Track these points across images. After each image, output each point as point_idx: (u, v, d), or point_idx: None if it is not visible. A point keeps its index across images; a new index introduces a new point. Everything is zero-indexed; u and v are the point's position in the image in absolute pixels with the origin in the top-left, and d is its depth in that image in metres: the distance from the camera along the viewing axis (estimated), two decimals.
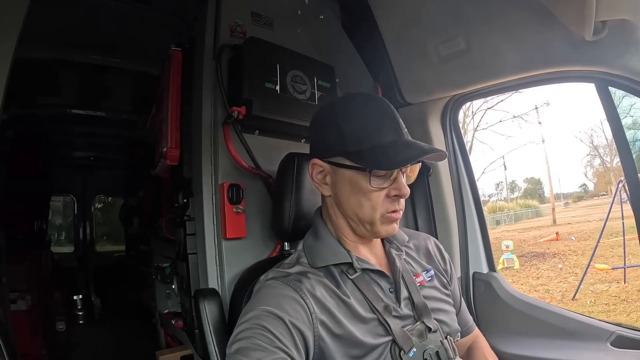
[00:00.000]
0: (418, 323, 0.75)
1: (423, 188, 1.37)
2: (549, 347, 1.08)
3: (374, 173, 0.71)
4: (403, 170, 0.74)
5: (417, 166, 0.79)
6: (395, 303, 0.76)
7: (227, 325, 0.96)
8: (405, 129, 0.76)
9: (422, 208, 1.38)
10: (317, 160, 0.78)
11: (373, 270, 0.78)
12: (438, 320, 0.78)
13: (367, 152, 0.71)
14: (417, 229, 1.36)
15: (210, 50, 1.22)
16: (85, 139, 3.72)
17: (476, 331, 0.99)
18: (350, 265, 0.76)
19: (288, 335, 0.63)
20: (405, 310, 0.76)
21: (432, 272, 0.87)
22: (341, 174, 0.75)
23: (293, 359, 0.61)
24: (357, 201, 0.74)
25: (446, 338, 0.77)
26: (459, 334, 0.85)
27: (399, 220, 0.77)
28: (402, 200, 0.75)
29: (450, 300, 0.88)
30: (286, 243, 1.13)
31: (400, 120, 0.76)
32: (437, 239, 1.32)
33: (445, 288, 0.89)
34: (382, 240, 0.86)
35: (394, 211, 0.74)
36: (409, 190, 0.74)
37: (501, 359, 1.15)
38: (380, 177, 0.72)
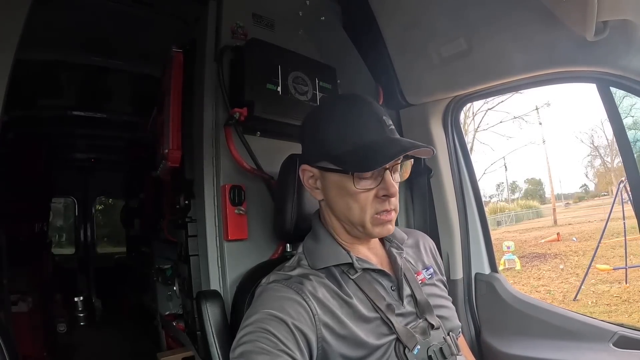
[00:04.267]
0: (421, 320, 0.75)
1: (424, 189, 1.36)
2: (551, 348, 1.08)
3: (358, 175, 0.70)
4: (393, 168, 0.73)
5: (410, 163, 0.78)
6: (398, 301, 0.76)
7: (229, 327, 0.95)
8: (391, 127, 0.74)
9: (424, 209, 1.37)
10: (306, 166, 0.79)
11: (374, 270, 0.78)
12: (440, 317, 0.78)
13: (348, 154, 0.70)
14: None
15: (211, 52, 1.22)
16: (86, 140, 3.73)
17: None
18: (351, 265, 0.76)
19: (291, 337, 0.63)
20: (408, 307, 0.76)
21: (431, 270, 0.87)
22: (328, 178, 0.75)
23: None
24: (346, 204, 0.74)
25: (448, 334, 0.77)
26: (460, 330, 0.85)
27: (393, 221, 0.76)
28: (394, 200, 0.74)
29: (449, 297, 0.88)
30: (288, 245, 1.13)
31: (386, 118, 0.74)
32: (438, 239, 1.33)
33: (444, 285, 0.89)
34: (382, 239, 0.86)
35: (384, 211, 0.73)
36: (397, 189, 0.73)
37: (503, 359, 1.15)
38: (365, 178, 0.71)
